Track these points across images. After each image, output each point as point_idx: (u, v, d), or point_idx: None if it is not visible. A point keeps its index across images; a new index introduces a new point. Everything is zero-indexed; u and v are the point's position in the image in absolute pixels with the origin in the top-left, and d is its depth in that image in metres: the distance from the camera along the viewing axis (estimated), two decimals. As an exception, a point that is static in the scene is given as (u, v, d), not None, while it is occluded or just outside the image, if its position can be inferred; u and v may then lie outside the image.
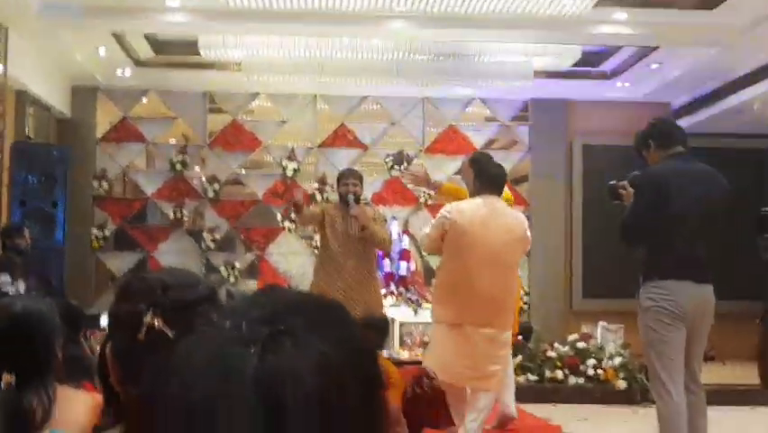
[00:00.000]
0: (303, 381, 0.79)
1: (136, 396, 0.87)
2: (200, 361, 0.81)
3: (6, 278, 7.66)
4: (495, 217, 5.99)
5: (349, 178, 7.31)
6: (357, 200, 7.17)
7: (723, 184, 5.29)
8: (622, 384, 8.79)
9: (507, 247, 6.00)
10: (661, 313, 5.04)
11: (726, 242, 5.66)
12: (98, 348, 2.31)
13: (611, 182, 5.51)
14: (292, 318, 0.84)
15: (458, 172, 12.05)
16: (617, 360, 8.95)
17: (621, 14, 9.12)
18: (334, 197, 8.82)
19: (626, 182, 5.34)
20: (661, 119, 5.63)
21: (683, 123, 12.05)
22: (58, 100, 11.38)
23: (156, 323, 1.64)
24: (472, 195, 6.08)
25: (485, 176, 6.11)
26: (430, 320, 9.55)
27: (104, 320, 10.77)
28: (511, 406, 7.16)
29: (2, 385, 2.50)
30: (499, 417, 7.19)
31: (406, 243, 10.68)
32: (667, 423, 5.02)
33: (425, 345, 9.54)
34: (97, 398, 2.71)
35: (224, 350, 0.81)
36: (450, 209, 5.98)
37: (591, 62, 11.34)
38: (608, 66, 11.48)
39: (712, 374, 8.46)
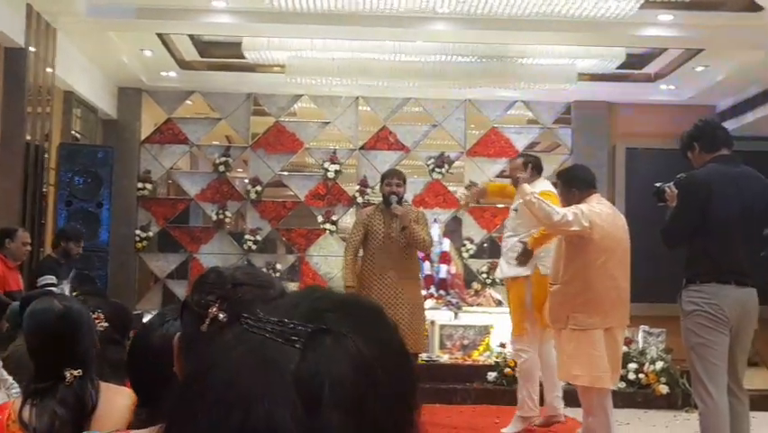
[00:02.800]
0: (341, 379, 0.81)
1: (182, 379, 0.88)
2: (243, 354, 0.83)
3: (51, 279, 7.76)
4: (615, 217, 6.05)
5: (393, 178, 7.32)
6: (399, 201, 7.18)
7: (766, 187, 5.23)
8: (664, 389, 8.72)
9: (628, 245, 6.05)
10: (703, 317, 5.00)
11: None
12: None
13: (657, 184, 5.48)
14: (334, 318, 0.86)
15: (499, 175, 12.09)
16: (659, 364, 8.88)
17: (666, 16, 9.04)
18: (376, 198, 8.83)
19: (671, 184, 5.30)
20: (706, 120, 5.56)
21: (728, 126, 11.93)
22: (104, 101, 11.53)
23: (220, 316, 1.67)
24: (575, 204, 5.96)
25: (580, 180, 6.13)
26: (469, 323, 9.65)
27: (146, 320, 10.95)
28: (559, 408, 7.15)
29: (67, 380, 2.62)
30: (546, 416, 7.19)
31: (446, 245, 10.66)
32: (709, 427, 4.97)
33: (464, 347, 9.55)
34: (134, 397, 2.83)
35: (267, 345, 0.83)
36: (584, 210, 5.82)
37: (636, 65, 11.25)
38: (652, 68, 11.39)
39: (756, 380, 8.37)
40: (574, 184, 6.11)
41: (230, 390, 0.81)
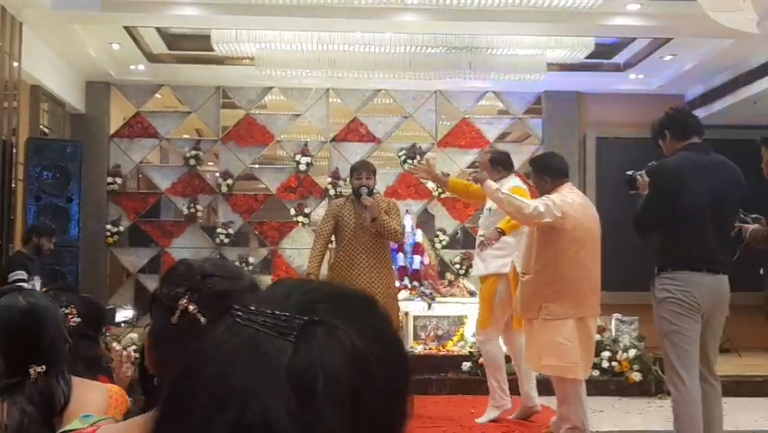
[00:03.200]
0: (335, 372, 0.80)
1: (173, 375, 0.87)
2: (236, 347, 0.82)
3: (23, 275, 7.69)
4: (586, 206, 6.07)
5: (362, 171, 7.32)
6: (370, 193, 7.18)
7: (738, 175, 5.27)
8: (637, 377, 8.78)
9: (599, 234, 6.07)
10: (676, 304, 5.03)
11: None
12: (112, 343, 2.40)
13: (628, 172, 5.50)
14: (326, 309, 0.85)
15: (470, 166, 12.11)
16: (632, 352, 8.93)
17: (634, 6, 9.08)
18: (348, 190, 8.82)
19: (642, 172, 5.32)
20: (677, 109, 5.59)
21: (698, 114, 12.01)
22: (71, 95, 11.43)
23: (190, 307, 1.67)
24: (547, 192, 5.97)
25: (553, 169, 6.13)
26: (443, 313, 9.66)
27: (119, 315, 10.86)
28: (535, 399, 7.20)
29: (32, 376, 2.60)
30: (523, 408, 7.23)
31: (419, 236, 10.65)
32: (681, 413, 5.01)
33: (438, 338, 9.56)
34: (112, 388, 2.82)
35: (260, 338, 0.82)
36: (556, 201, 5.82)
37: (605, 54, 11.31)
38: (621, 58, 11.45)
39: (728, 366, 8.45)
40: (547, 172, 6.13)
41: (223, 385, 0.80)
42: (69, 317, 3.03)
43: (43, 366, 2.61)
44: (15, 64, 9.01)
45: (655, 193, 5.16)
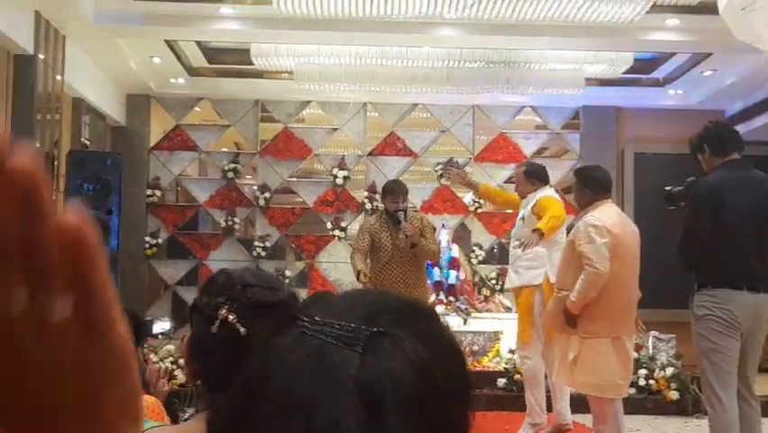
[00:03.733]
0: (402, 383, 0.80)
1: (236, 387, 0.89)
2: (302, 358, 0.83)
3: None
4: (625, 223, 5.96)
5: (398, 195, 7.26)
6: (405, 214, 7.18)
7: None
8: (674, 395, 8.69)
9: (637, 251, 5.95)
10: (715, 322, 4.98)
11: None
12: (149, 355, 2.42)
13: (667, 188, 5.46)
14: (390, 320, 0.86)
15: (508, 180, 12.08)
16: (669, 370, 8.85)
17: (674, 21, 9.03)
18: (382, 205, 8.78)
19: (680, 187, 5.29)
20: (717, 123, 5.54)
21: (738, 130, 11.92)
22: (112, 108, 11.57)
23: (230, 317, 1.68)
24: (586, 205, 5.87)
25: (595, 182, 5.97)
26: (478, 329, 9.62)
27: (156, 327, 10.94)
28: (567, 414, 7.14)
29: None
30: (554, 426, 7.18)
31: (455, 251, 10.65)
32: None
33: (474, 354, 9.52)
34: (149, 399, 2.85)
35: (326, 349, 0.82)
36: (596, 221, 5.68)
37: (643, 69, 11.23)
38: (660, 73, 11.37)
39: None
40: (589, 184, 6.00)
41: (291, 396, 0.80)
42: None
43: None
44: (58, 77, 9.13)
45: (696, 212, 5.12)
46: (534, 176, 7.12)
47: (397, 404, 0.79)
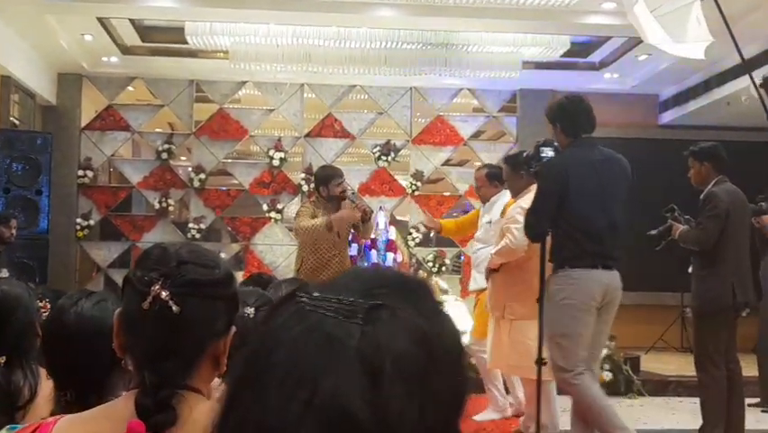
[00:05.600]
0: (402, 351, 0.83)
1: (235, 361, 0.91)
2: (304, 333, 0.85)
3: (-14, 266, 7.60)
4: None
5: (342, 176, 7.32)
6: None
7: (625, 168, 5.33)
8: (607, 376, 8.78)
9: None
10: (572, 307, 5.06)
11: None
12: None
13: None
14: (387, 293, 0.88)
15: (445, 163, 12.13)
16: (603, 352, 8.93)
17: (610, 4, 9.09)
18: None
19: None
20: (571, 100, 5.45)
21: (671, 114, 12.10)
22: (43, 87, 11.30)
23: (162, 294, 1.63)
24: (519, 192, 6.15)
25: (527, 166, 5.88)
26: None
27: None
28: (523, 399, 7.23)
29: None
30: (516, 409, 7.25)
31: (392, 233, 10.62)
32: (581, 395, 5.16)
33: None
34: None
35: (327, 322, 0.85)
36: (525, 204, 5.73)
37: (580, 53, 11.33)
38: (596, 57, 11.47)
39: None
40: (522, 168, 6.08)
41: (295, 367, 0.83)
42: (43, 310, 2.98)
43: (3, 357, 2.56)
44: (-15, 54, 8.89)
45: (543, 194, 5.17)
46: (497, 178, 7.10)
47: (398, 372, 0.82)
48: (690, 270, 6.37)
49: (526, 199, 5.74)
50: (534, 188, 5.89)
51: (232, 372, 0.91)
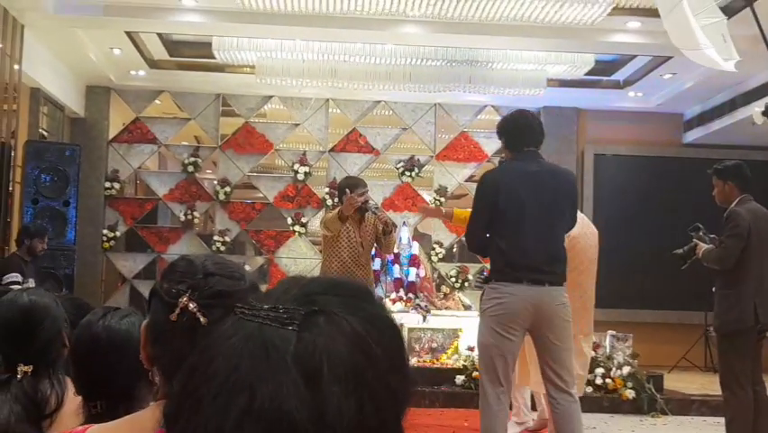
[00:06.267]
0: (338, 355, 0.84)
1: (181, 372, 0.92)
2: (242, 341, 0.86)
3: (17, 277, 7.67)
4: (583, 224, 6.00)
5: (365, 187, 7.27)
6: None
7: (568, 182, 5.21)
8: (630, 394, 8.75)
9: (594, 253, 6.15)
10: (493, 319, 4.92)
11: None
12: None
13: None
14: (324, 299, 0.90)
15: (468, 179, 12.13)
16: (626, 369, 8.91)
17: (635, 23, 9.11)
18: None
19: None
20: (513, 115, 5.36)
21: (696, 133, 12.07)
22: (71, 99, 11.44)
23: (190, 306, 1.65)
24: None
25: None
26: (438, 326, 9.64)
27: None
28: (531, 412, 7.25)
29: (18, 375, 2.57)
30: (538, 421, 7.23)
31: (415, 248, 10.65)
32: (487, 428, 4.94)
33: (432, 351, 9.54)
34: None
35: (264, 330, 0.86)
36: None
37: (604, 71, 11.32)
38: (621, 75, 11.46)
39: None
40: None
41: (233, 374, 0.84)
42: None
43: (30, 366, 2.58)
44: (16, 67, 9.01)
45: (475, 207, 5.10)
46: None
47: (335, 375, 0.83)
48: (714, 289, 6.34)
49: None
50: None
51: (175, 385, 0.91)
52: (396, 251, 10.08)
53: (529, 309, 4.89)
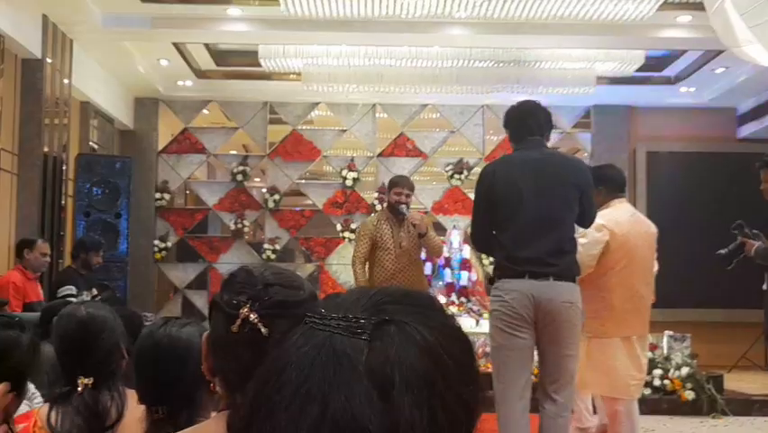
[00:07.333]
0: (410, 365, 0.84)
1: (253, 380, 0.93)
2: (314, 350, 0.87)
3: (72, 290, 7.74)
4: (637, 222, 5.79)
5: (404, 187, 7.10)
6: (407, 209, 7.07)
7: (575, 171, 4.90)
8: (689, 395, 8.59)
9: (650, 252, 5.78)
10: (498, 319, 4.67)
11: None
12: None
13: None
14: (394, 309, 0.90)
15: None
16: (684, 370, 8.75)
17: (685, 17, 8.95)
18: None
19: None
20: (513, 106, 5.19)
21: (750, 128, 11.85)
22: (120, 112, 11.55)
23: (251, 317, 1.65)
24: (598, 206, 5.45)
25: (609, 180, 5.79)
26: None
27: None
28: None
29: (79, 388, 2.61)
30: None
31: (466, 252, 10.58)
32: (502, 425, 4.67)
33: (486, 355, 9.44)
34: None
35: (335, 340, 0.87)
36: (605, 220, 5.49)
37: (655, 67, 11.15)
38: (672, 71, 11.29)
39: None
40: (603, 182, 5.83)
41: (306, 384, 0.84)
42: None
43: (90, 379, 2.61)
44: (66, 81, 9.11)
45: (474, 202, 4.93)
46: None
47: (407, 385, 0.83)
48: (764, 287, 6.19)
49: (604, 214, 5.61)
50: (614, 203, 5.79)
51: (246, 394, 0.92)
52: (446, 255, 10.02)
53: (530, 305, 4.61)
